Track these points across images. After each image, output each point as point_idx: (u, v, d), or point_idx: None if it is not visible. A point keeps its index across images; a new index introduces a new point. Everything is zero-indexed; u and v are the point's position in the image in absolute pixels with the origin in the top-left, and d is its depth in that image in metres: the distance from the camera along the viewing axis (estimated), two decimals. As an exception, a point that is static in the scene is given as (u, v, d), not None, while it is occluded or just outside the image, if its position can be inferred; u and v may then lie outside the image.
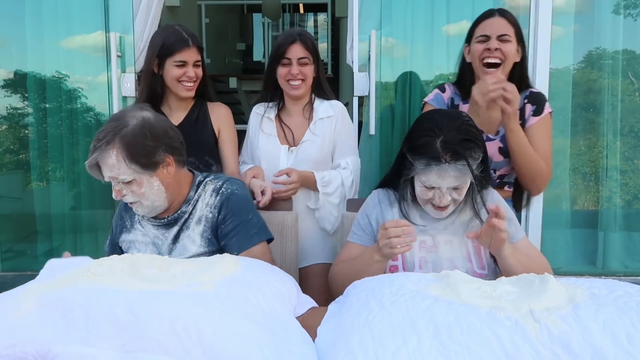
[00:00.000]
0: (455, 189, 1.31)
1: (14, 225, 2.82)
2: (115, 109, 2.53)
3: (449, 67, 2.61)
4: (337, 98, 2.05)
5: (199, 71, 1.91)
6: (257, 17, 7.66)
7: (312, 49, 1.90)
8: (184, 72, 1.86)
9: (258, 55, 7.75)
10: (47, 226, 2.74)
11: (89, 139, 2.63)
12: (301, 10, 7.96)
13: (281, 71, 1.90)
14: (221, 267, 1.09)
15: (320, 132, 1.93)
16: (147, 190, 1.35)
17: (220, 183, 1.45)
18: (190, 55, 1.87)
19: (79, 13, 2.59)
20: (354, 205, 1.81)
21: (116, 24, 2.53)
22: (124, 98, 2.55)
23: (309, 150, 1.93)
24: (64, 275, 1.04)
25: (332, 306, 1.15)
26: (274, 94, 2.00)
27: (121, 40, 2.54)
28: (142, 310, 0.89)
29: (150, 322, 0.87)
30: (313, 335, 1.01)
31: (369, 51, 2.54)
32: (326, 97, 2.00)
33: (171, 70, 1.86)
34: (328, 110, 1.96)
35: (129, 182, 1.33)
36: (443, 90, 1.85)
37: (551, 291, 0.98)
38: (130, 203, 1.38)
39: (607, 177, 2.74)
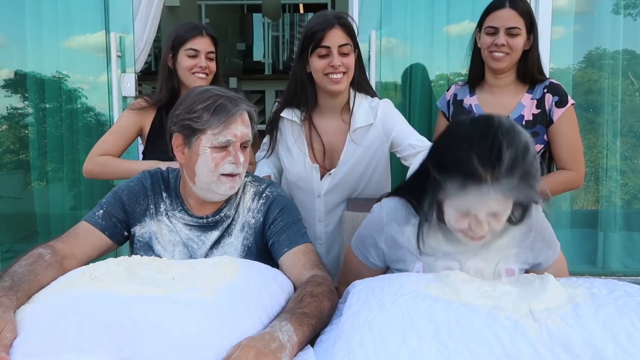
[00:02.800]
0: (494, 215, 1.05)
1: (14, 225, 2.82)
2: (115, 109, 2.53)
3: (449, 67, 2.62)
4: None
5: (212, 65, 1.84)
6: (257, 17, 7.64)
7: (353, 35, 1.59)
8: (195, 63, 1.79)
9: (258, 55, 7.73)
10: (47, 226, 2.74)
11: (89, 139, 2.63)
12: (301, 10, 7.95)
13: (318, 64, 1.56)
14: (221, 272, 1.06)
15: (360, 144, 1.66)
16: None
17: (263, 187, 1.37)
18: (203, 44, 1.81)
19: (79, 13, 2.59)
20: (355, 205, 1.73)
21: (116, 24, 2.53)
22: (124, 98, 2.55)
23: (349, 175, 1.68)
24: (60, 281, 1.02)
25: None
26: (303, 94, 1.66)
27: (121, 41, 2.54)
28: (139, 315, 0.86)
29: (148, 328, 0.85)
30: None
31: (369, 51, 2.53)
32: (364, 91, 1.71)
33: (183, 61, 1.81)
34: (368, 116, 1.65)
35: (246, 147, 1.30)
36: (448, 89, 1.86)
37: (551, 291, 0.98)
38: (234, 175, 1.27)
39: (607, 177, 2.74)
